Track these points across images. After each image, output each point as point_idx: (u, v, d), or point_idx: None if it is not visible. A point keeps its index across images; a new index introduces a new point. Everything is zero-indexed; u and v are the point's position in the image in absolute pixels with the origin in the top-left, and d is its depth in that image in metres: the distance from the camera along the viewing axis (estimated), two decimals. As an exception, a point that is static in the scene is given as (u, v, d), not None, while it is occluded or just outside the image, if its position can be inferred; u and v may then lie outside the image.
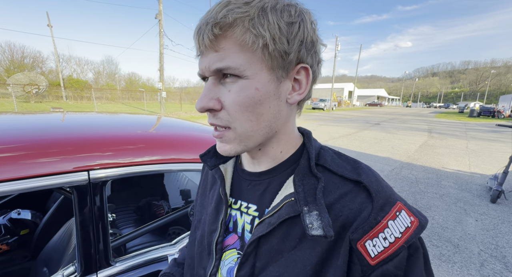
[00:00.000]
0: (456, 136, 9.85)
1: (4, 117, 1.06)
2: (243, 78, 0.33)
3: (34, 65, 33.98)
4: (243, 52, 0.32)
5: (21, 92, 17.29)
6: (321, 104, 27.66)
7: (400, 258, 0.32)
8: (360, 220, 0.33)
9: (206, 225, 0.47)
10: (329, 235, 0.31)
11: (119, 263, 0.82)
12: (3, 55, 31.07)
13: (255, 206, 0.42)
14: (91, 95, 23.33)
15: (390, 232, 0.33)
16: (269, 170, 0.42)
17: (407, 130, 11.65)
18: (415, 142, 8.14)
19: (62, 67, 35.13)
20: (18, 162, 0.67)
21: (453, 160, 5.84)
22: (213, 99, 0.35)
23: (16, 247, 1.33)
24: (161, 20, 14.02)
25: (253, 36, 0.31)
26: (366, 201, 0.34)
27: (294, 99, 0.37)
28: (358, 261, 0.32)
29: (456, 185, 4.07)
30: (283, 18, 0.32)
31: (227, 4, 0.32)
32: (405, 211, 0.35)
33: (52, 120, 1.07)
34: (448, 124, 15.83)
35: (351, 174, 0.37)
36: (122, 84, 47.23)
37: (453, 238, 2.54)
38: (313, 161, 0.39)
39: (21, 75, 18.64)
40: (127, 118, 1.36)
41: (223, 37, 0.32)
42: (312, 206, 0.34)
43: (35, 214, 1.45)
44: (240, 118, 0.35)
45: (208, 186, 0.52)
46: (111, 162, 0.80)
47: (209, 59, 0.34)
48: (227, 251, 0.43)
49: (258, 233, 0.37)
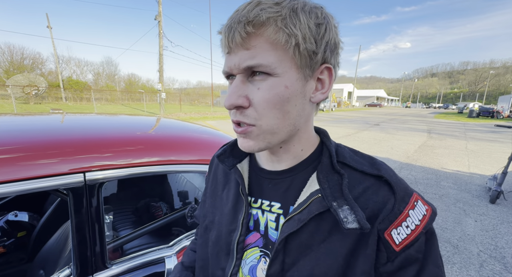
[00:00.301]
0: (455, 137, 9.86)
1: (1, 119, 1.06)
2: (273, 76, 0.34)
3: (33, 67, 33.99)
4: (275, 50, 0.33)
5: (20, 94, 17.28)
6: (321, 105, 27.60)
7: (420, 242, 0.36)
8: (386, 211, 0.36)
9: (222, 225, 0.47)
10: (365, 227, 0.33)
11: (115, 266, 0.82)
12: (3, 57, 31.10)
13: (278, 204, 0.42)
14: (90, 96, 23.33)
15: (411, 220, 0.36)
16: (291, 169, 0.43)
17: (406, 130, 11.66)
18: (414, 143, 8.15)
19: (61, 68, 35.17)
20: (14, 164, 0.67)
21: (452, 160, 5.84)
22: (242, 96, 0.36)
23: (13, 250, 1.32)
24: (161, 22, 14.04)
25: (286, 35, 0.32)
26: (389, 193, 0.37)
27: (317, 98, 0.39)
28: (385, 248, 0.36)
29: (456, 186, 4.07)
30: (311, 19, 0.34)
31: (258, 4, 0.33)
32: (421, 201, 0.38)
33: (49, 121, 1.06)
34: (447, 124, 15.85)
35: (371, 169, 0.40)
36: (121, 85, 47.24)
37: (452, 238, 2.53)
38: (335, 159, 0.41)
39: (21, 76, 18.62)
40: (125, 119, 1.36)
41: (255, 35, 0.33)
42: (340, 201, 0.36)
43: (33, 216, 1.45)
44: (267, 115, 0.35)
45: (220, 186, 0.52)
46: (107, 163, 0.79)
47: (239, 57, 0.34)
48: (248, 250, 0.44)
49: (288, 230, 0.38)
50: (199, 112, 17.82)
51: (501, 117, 22.41)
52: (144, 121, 1.31)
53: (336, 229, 0.37)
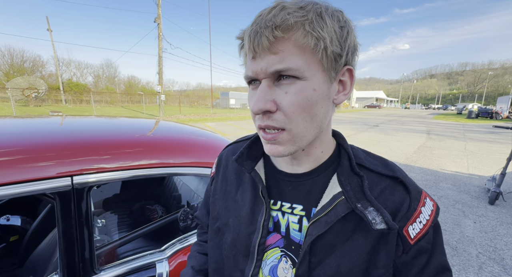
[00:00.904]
0: (454, 138, 9.86)
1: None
2: (301, 80, 0.34)
3: (34, 69, 34.04)
4: (303, 54, 0.34)
5: (20, 96, 17.28)
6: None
7: (429, 235, 0.40)
8: (403, 210, 0.40)
9: (240, 227, 0.47)
10: (394, 228, 0.36)
11: (104, 271, 0.80)
12: (3, 59, 31.15)
13: (301, 206, 0.43)
14: (90, 98, 23.34)
15: (423, 216, 0.40)
16: (311, 171, 0.44)
17: (405, 131, 11.66)
18: (413, 144, 8.14)
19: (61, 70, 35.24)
20: (1, 168, 0.66)
21: (451, 161, 5.83)
22: (269, 101, 0.35)
23: (4, 255, 1.30)
24: (160, 24, 14.09)
25: (315, 38, 0.33)
26: (404, 193, 0.41)
27: (340, 99, 0.40)
28: (402, 243, 0.39)
29: (455, 187, 4.06)
30: (335, 22, 0.34)
31: (283, 8, 0.33)
32: (428, 198, 0.43)
33: (40, 124, 1.05)
34: (446, 125, 15.86)
35: (386, 170, 0.43)
36: (121, 88, 47.30)
37: (451, 240, 2.51)
38: (354, 161, 0.43)
39: (21, 79, 18.64)
40: (120, 121, 1.35)
41: (283, 40, 0.33)
42: (364, 203, 0.38)
43: (25, 220, 1.43)
44: (296, 119, 0.36)
45: (232, 188, 0.51)
46: (96, 167, 0.78)
47: (266, 62, 0.34)
48: (269, 251, 0.45)
49: (316, 232, 0.39)
50: (199, 114, 17.83)
51: (500, 117, 22.44)
52: (140, 123, 1.30)
53: (359, 229, 0.39)
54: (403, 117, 24.99)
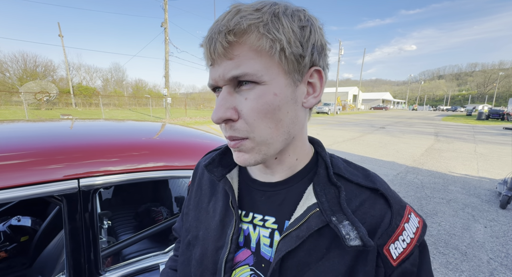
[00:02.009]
0: (463, 140, 9.64)
1: (6, 126, 1.09)
2: (260, 84, 0.33)
3: (45, 74, 35.07)
4: (260, 58, 0.32)
5: (32, 100, 17.82)
6: (325, 108, 27.56)
7: (414, 256, 0.36)
8: (384, 226, 0.36)
9: (208, 241, 0.43)
10: (368, 244, 0.32)
11: (109, 273, 0.82)
12: (17, 65, 32.23)
13: (273, 219, 0.40)
14: (99, 101, 23.85)
15: (407, 233, 0.36)
16: (286, 180, 0.41)
17: (412, 133, 11.46)
18: (421, 146, 8.00)
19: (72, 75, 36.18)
20: (10, 170, 0.68)
21: (460, 164, 5.70)
22: (230, 108, 0.34)
23: (15, 254, 1.34)
24: (167, 28, 14.35)
25: (270, 40, 0.31)
26: (385, 207, 0.37)
27: (310, 102, 0.37)
28: (383, 264, 0.35)
29: (464, 190, 3.96)
30: (295, 22, 0.32)
31: (238, 12, 0.32)
32: (413, 213, 0.39)
33: (49, 128, 1.09)
34: (455, 127, 15.52)
35: (366, 182, 0.39)
36: (129, 91, 48.21)
37: (460, 245, 2.45)
38: (331, 170, 0.40)
39: (33, 83, 19.23)
40: (126, 125, 1.38)
41: (237, 44, 0.32)
42: (340, 216, 0.35)
43: (35, 220, 1.47)
44: (259, 126, 0.34)
45: (205, 198, 0.48)
46: (102, 170, 0.80)
47: (223, 68, 0.33)
48: (238, 269, 0.41)
49: (285, 248, 0.35)
50: (204, 117, 17.96)
51: (511, 119, 21.82)
52: (145, 127, 1.33)
53: (334, 245, 0.35)
54: (410, 118, 24.59)
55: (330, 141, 8.52)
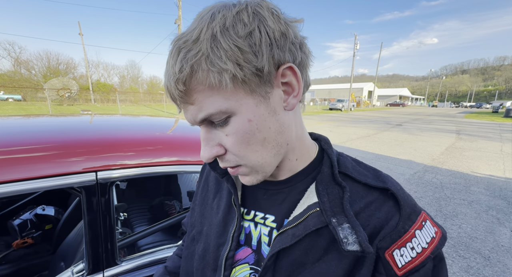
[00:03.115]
0: (488, 138, 9.07)
1: (33, 120, 1.14)
2: (232, 116, 0.32)
3: (67, 71, 36.85)
4: (217, 92, 0.30)
5: (55, 96, 18.81)
6: (339, 104, 26.97)
7: (426, 269, 0.32)
8: (388, 229, 0.33)
9: (211, 237, 0.44)
10: (367, 251, 0.30)
11: (125, 263, 0.85)
12: (41, 62, 34.03)
13: (273, 217, 0.40)
14: (116, 98, 24.73)
15: (418, 242, 0.32)
16: (288, 179, 0.41)
17: (432, 131, 10.95)
18: (441, 144, 7.63)
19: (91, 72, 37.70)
20: (33, 163, 0.72)
21: (484, 164, 5.37)
22: (215, 146, 0.34)
23: (40, 241, 1.43)
24: (180, 25, 14.51)
25: (217, 74, 0.28)
26: (393, 209, 0.34)
27: (291, 104, 0.34)
28: (385, 271, 0.32)
29: (488, 192, 3.74)
30: (238, 34, 0.28)
31: (179, 52, 0.29)
32: (430, 222, 0.35)
33: (70, 123, 1.13)
34: (479, 125, 14.64)
35: (375, 182, 0.37)
36: (144, 87, 49.58)
37: (483, 249, 2.32)
38: (336, 169, 0.38)
39: (56, 80, 20.27)
40: (141, 120, 1.41)
41: (190, 90, 0.30)
42: (341, 218, 0.33)
43: (58, 210, 1.55)
44: (246, 154, 0.34)
45: (210, 194, 0.49)
46: (119, 163, 0.82)
47: (190, 113, 0.33)
48: (238, 267, 0.41)
49: (280, 245, 0.35)
50: (216, 113, 18.15)
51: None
52: (159, 122, 1.35)
53: (333, 247, 0.34)
54: (429, 115, 23.50)
55: (343, 138, 8.33)
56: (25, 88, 24.36)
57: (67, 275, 0.78)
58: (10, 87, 24.65)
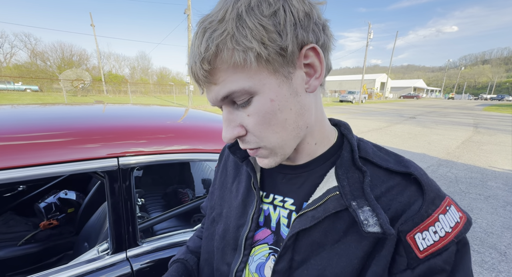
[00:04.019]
0: (509, 132, 8.65)
1: (51, 108, 1.19)
2: (254, 95, 0.32)
3: (80, 62, 37.62)
4: (240, 72, 0.31)
5: (70, 87, 19.36)
6: (350, 96, 26.34)
7: (449, 252, 0.32)
8: (410, 212, 0.33)
9: (230, 219, 0.46)
10: (389, 233, 0.30)
11: (145, 244, 0.89)
12: (56, 54, 34.87)
13: (292, 200, 0.41)
14: (127, 89, 25.17)
15: (441, 226, 0.32)
16: (307, 163, 0.41)
17: (447, 124, 10.55)
18: (456, 138, 7.35)
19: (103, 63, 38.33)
20: (60, 148, 0.75)
21: (503, 158, 5.16)
22: (236, 127, 0.35)
23: (64, 223, 1.52)
24: (190, 15, 14.37)
25: (242, 53, 0.29)
26: (416, 194, 0.34)
27: (313, 85, 0.34)
28: (405, 253, 0.32)
29: (507, 187, 3.61)
30: (263, 14, 0.28)
31: (204, 32, 0.30)
32: (454, 206, 0.34)
33: (88, 110, 1.16)
34: (499, 118, 13.96)
35: (397, 167, 0.36)
36: (154, 78, 50.10)
37: (499, 245, 2.27)
38: (356, 153, 0.38)
39: (70, 71, 20.82)
40: (156, 109, 1.43)
41: (214, 69, 0.31)
42: (361, 201, 0.33)
43: (79, 195, 1.63)
44: (266, 135, 0.34)
45: (229, 179, 0.51)
46: (139, 150, 0.85)
47: (213, 92, 0.33)
48: (257, 246, 0.42)
49: (300, 226, 0.36)
50: (225, 104, 18.17)
51: None
52: (173, 111, 1.37)
53: (353, 230, 0.34)
54: (445, 108, 22.59)
55: (354, 131, 8.16)
56: (41, 79, 25.17)
57: (93, 253, 0.83)
58: (28, 78, 25.51)
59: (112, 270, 0.80)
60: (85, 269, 0.77)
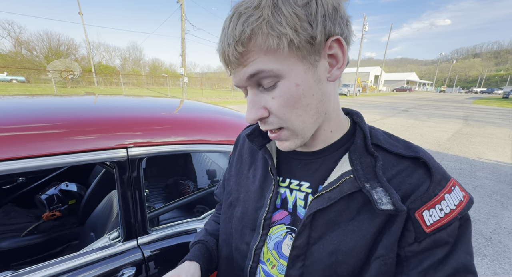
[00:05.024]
0: (497, 124, 8.94)
1: (54, 99, 1.17)
2: (280, 79, 0.34)
3: (68, 52, 36.21)
4: (271, 56, 0.33)
5: (58, 78, 18.69)
6: (344, 89, 26.45)
7: (453, 227, 0.35)
8: (419, 192, 0.36)
9: (249, 202, 0.48)
10: (400, 209, 0.33)
11: (155, 232, 0.91)
12: (42, 43, 33.42)
13: (308, 183, 0.43)
14: (119, 80, 24.52)
15: (446, 204, 0.35)
16: (322, 150, 0.44)
17: (439, 117, 10.80)
18: (447, 130, 7.56)
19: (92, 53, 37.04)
20: (72, 138, 0.75)
21: (491, 150, 5.36)
22: (260, 108, 0.36)
23: (66, 214, 1.52)
24: (183, 4, 13.94)
25: (276, 38, 0.31)
26: (424, 176, 0.37)
27: (334, 75, 0.37)
28: (414, 228, 0.35)
29: (493, 177, 3.77)
30: (297, 3, 0.31)
31: (239, 17, 0.32)
32: (458, 187, 0.37)
33: (93, 101, 1.15)
34: (488, 111, 14.35)
35: (407, 151, 0.39)
36: (146, 70, 48.87)
37: (485, 231, 2.40)
38: (369, 140, 0.41)
39: (58, 62, 20.05)
40: (159, 101, 1.43)
41: (247, 52, 0.33)
42: (374, 183, 0.36)
43: (80, 186, 1.63)
44: (289, 117, 0.36)
45: (245, 165, 0.53)
46: (147, 141, 0.86)
47: (242, 74, 0.35)
48: (274, 227, 0.45)
49: (317, 206, 0.39)
50: (220, 97, 17.99)
51: (557, 103, 19.66)
52: (175, 103, 1.37)
53: (366, 209, 0.37)
54: (437, 101, 23.01)
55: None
56: (28, 70, 24.18)
57: (104, 240, 0.85)
58: (13, 68, 24.45)
59: (125, 256, 0.82)
60: (99, 256, 0.79)
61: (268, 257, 0.45)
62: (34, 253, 1.37)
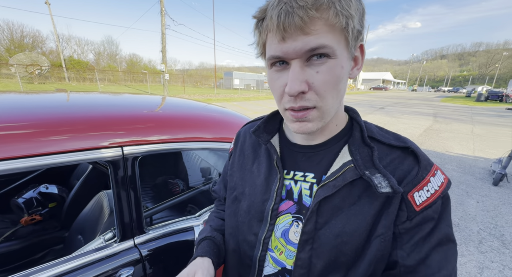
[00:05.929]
0: (461, 121, 9.76)
1: (35, 96, 1.09)
2: (332, 58, 0.35)
3: (34, 45, 33.27)
4: (333, 33, 0.34)
5: (24, 73, 17.12)
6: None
7: (437, 205, 0.41)
8: (410, 177, 0.41)
9: (255, 195, 0.50)
10: (398, 191, 0.38)
11: (152, 231, 0.90)
12: (3, 34, 30.38)
13: (312, 174, 0.46)
14: (93, 76, 23.07)
15: (431, 185, 0.41)
16: (324, 143, 0.47)
17: (412, 114, 11.53)
18: (419, 126, 8.11)
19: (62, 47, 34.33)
20: (65, 137, 0.72)
21: (457, 144, 5.86)
22: (303, 82, 0.36)
23: (47, 218, 1.43)
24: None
25: (345, 17, 0.33)
26: (413, 163, 0.42)
27: (354, 74, 0.41)
28: (406, 208, 0.40)
29: (459, 169, 4.14)
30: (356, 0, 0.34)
31: None
32: (440, 171, 0.43)
33: (84, 99, 1.10)
34: (454, 108, 15.59)
35: (397, 142, 0.44)
36: (123, 66, 46.42)
37: (453, 218, 2.64)
38: (365, 133, 0.45)
39: (23, 55, 18.34)
40: (153, 99, 1.39)
41: (316, 19, 0.33)
42: (372, 170, 0.41)
43: (61, 188, 1.54)
44: (327, 96, 0.38)
45: (248, 161, 0.55)
46: (142, 139, 0.84)
47: (299, 42, 0.34)
48: (281, 216, 0.48)
49: (323, 194, 0.42)
50: (203, 94, 17.65)
51: (510, 100, 21.84)
52: (166, 100, 1.34)
53: (366, 194, 0.41)
54: (410, 99, 24.50)
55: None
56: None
57: (99, 242, 0.83)
58: (-32, 61, 21.99)
59: (122, 256, 0.80)
60: (94, 257, 0.77)
61: (276, 245, 0.48)
62: (12, 260, 1.28)
